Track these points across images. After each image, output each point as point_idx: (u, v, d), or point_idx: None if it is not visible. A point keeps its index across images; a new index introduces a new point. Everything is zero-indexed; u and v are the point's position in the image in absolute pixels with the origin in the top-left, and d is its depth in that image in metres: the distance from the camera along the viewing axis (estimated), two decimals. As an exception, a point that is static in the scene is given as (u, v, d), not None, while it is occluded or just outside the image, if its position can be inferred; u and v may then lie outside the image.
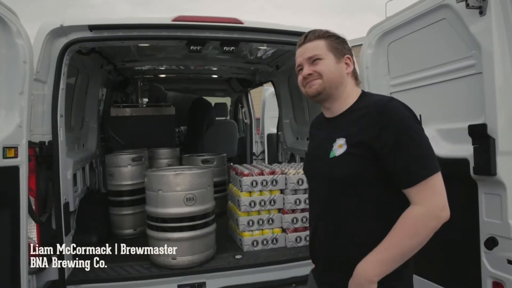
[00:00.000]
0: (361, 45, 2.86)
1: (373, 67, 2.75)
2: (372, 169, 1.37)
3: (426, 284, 2.36)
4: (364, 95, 1.55)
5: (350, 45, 1.64)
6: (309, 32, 1.57)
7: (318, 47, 1.52)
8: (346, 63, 1.54)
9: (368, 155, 1.37)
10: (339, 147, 1.43)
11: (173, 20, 2.70)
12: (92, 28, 2.60)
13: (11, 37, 2.20)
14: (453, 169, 2.18)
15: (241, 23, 2.84)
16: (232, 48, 2.94)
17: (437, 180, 1.33)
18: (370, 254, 1.34)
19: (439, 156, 2.24)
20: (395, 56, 2.68)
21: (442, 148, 2.28)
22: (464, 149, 2.09)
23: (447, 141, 2.29)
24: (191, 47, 2.88)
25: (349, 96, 1.53)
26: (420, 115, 2.46)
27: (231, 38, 2.89)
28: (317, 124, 1.73)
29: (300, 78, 1.58)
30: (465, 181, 2.09)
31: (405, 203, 1.35)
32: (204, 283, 2.84)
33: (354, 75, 1.58)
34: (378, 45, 2.73)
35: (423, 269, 2.39)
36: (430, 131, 2.37)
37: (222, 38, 2.88)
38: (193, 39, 2.83)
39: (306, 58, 1.53)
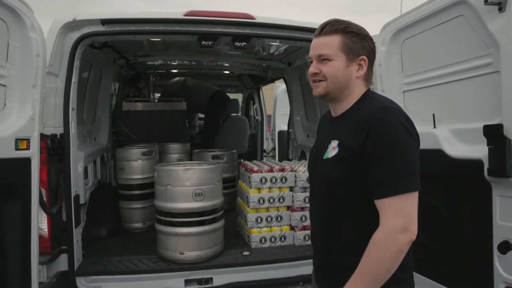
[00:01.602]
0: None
1: (386, 65, 2.70)
2: (356, 175, 1.35)
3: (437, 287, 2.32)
4: (364, 97, 1.47)
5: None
6: (328, 23, 1.45)
7: (330, 44, 1.42)
8: (359, 64, 1.45)
9: (353, 160, 1.35)
10: (333, 149, 1.43)
11: (185, 15, 2.69)
12: (104, 22, 2.62)
13: (25, 31, 2.22)
14: (466, 170, 2.15)
15: (253, 18, 2.82)
16: (243, 43, 2.92)
17: (406, 200, 1.28)
18: (349, 281, 1.33)
19: (452, 156, 2.24)
20: (409, 54, 2.62)
21: (455, 148, 2.23)
22: (478, 150, 2.04)
23: (460, 142, 2.23)
24: (203, 42, 2.87)
25: (353, 98, 1.47)
26: (433, 115, 2.42)
27: (243, 34, 2.88)
28: (324, 121, 1.71)
29: (309, 71, 1.52)
30: (478, 183, 2.03)
31: None
32: (211, 279, 2.84)
33: (366, 77, 1.48)
34: (392, 43, 2.67)
35: (434, 272, 2.36)
36: (443, 131, 2.33)
37: (233, 34, 2.87)
38: (204, 34, 2.82)
39: (316, 55, 1.45)
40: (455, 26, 2.22)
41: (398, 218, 1.27)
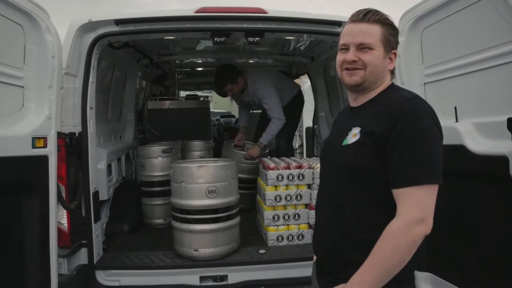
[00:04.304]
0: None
1: (405, 55, 2.54)
2: (378, 162, 1.34)
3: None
4: (390, 88, 1.48)
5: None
6: (369, 10, 1.43)
7: (372, 33, 1.40)
8: (390, 58, 1.46)
9: (377, 147, 1.34)
10: (353, 136, 1.41)
11: (196, 12, 2.69)
12: (118, 22, 2.67)
13: (41, 33, 2.30)
14: (490, 168, 1.98)
15: (265, 12, 2.76)
16: (256, 38, 2.87)
17: (427, 192, 1.27)
18: (357, 272, 1.30)
19: (475, 152, 2.07)
20: (429, 43, 2.46)
21: (479, 143, 2.06)
22: (504, 146, 1.87)
23: (484, 136, 2.06)
24: (215, 39, 2.86)
25: (379, 89, 1.48)
26: (455, 108, 2.25)
27: (256, 29, 2.83)
28: (342, 114, 1.70)
29: (340, 58, 1.47)
30: (503, 181, 1.87)
31: None
32: (226, 276, 2.84)
33: (393, 71, 1.51)
34: (411, 32, 2.51)
35: (456, 275, 2.20)
36: (465, 124, 2.16)
37: (246, 29, 2.83)
38: (216, 30, 2.81)
39: (357, 42, 1.41)
40: (479, 11, 2.04)
41: (417, 209, 1.25)
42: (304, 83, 6.59)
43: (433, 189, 1.27)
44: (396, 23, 1.55)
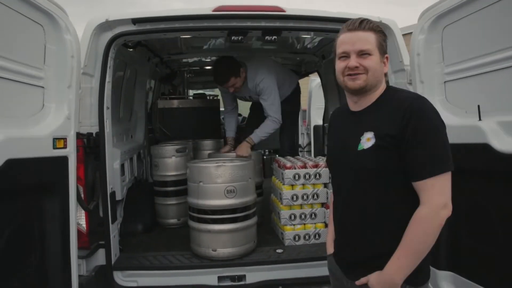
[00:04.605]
0: (411, 33, 2.64)
1: (425, 54, 2.52)
2: (397, 161, 1.45)
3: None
4: (389, 90, 1.60)
5: (401, 33, 1.67)
6: (363, 19, 1.54)
7: (369, 40, 1.52)
8: (383, 62, 1.57)
9: (395, 148, 1.45)
10: (367, 140, 1.50)
11: (214, 10, 2.67)
12: (135, 21, 2.65)
13: (60, 33, 2.28)
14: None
15: (283, 11, 2.74)
16: (274, 37, 2.85)
17: (446, 179, 1.42)
18: (392, 259, 1.44)
19: (500, 151, 2.05)
20: (450, 41, 2.44)
21: (505, 142, 2.04)
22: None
23: (510, 135, 2.04)
24: (233, 38, 2.84)
25: (379, 92, 1.58)
26: (478, 106, 2.24)
27: (273, 27, 2.81)
28: (339, 115, 1.78)
29: (341, 66, 1.56)
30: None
31: None
32: (244, 276, 2.83)
33: (386, 73, 1.65)
34: (431, 30, 2.49)
35: (480, 276, 2.19)
36: (490, 123, 2.14)
37: (263, 28, 2.81)
38: (234, 29, 2.79)
39: (357, 50, 1.51)
40: (502, 8, 2.03)
41: (441, 196, 1.40)
42: (312, 81, 6.58)
43: (449, 175, 1.43)
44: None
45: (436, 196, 1.40)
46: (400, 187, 1.47)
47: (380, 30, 1.56)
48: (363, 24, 1.52)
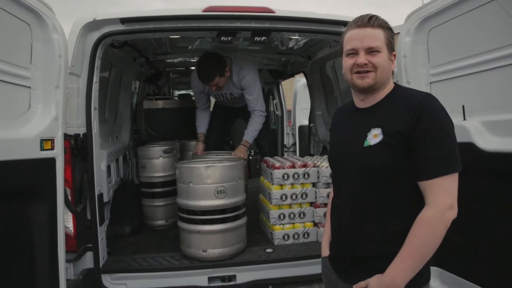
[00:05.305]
0: (398, 33, 2.70)
1: (411, 55, 2.59)
2: (405, 159, 1.42)
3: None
4: (398, 88, 1.58)
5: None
6: (372, 16, 1.52)
7: (378, 37, 1.49)
8: (391, 59, 1.55)
9: (402, 146, 1.41)
10: (374, 136, 1.46)
11: (204, 11, 2.66)
12: (123, 21, 2.62)
13: (47, 32, 2.23)
14: (500, 164, 2.04)
15: (273, 12, 2.76)
16: (263, 38, 2.87)
17: (453, 180, 1.39)
18: (395, 261, 1.39)
19: (484, 150, 2.12)
20: (436, 43, 2.51)
21: (488, 141, 2.12)
22: (513, 143, 1.93)
23: (493, 134, 2.12)
24: (222, 38, 2.84)
25: (387, 89, 1.56)
26: (463, 106, 2.31)
27: (263, 28, 2.82)
28: (344, 112, 1.75)
29: (350, 63, 1.53)
30: (513, 177, 1.93)
31: None
32: (234, 276, 2.83)
33: (393, 71, 1.60)
34: (417, 32, 2.56)
35: (467, 272, 2.26)
36: (474, 123, 2.22)
37: (253, 28, 2.82)
38: (223, 29, 2.79)
39: (366, 46, 1.48)
40: (487, 12, 2.10)
41: (447, 197, 1.37)
42: (297, 81, 6.62)
43: (456, 176, 1.40)
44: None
45: (442, 197, 1.36)
46: (405, 186, 1.43)
47: (389, 27, 1.54)
48: (372, 20, 1.50)
